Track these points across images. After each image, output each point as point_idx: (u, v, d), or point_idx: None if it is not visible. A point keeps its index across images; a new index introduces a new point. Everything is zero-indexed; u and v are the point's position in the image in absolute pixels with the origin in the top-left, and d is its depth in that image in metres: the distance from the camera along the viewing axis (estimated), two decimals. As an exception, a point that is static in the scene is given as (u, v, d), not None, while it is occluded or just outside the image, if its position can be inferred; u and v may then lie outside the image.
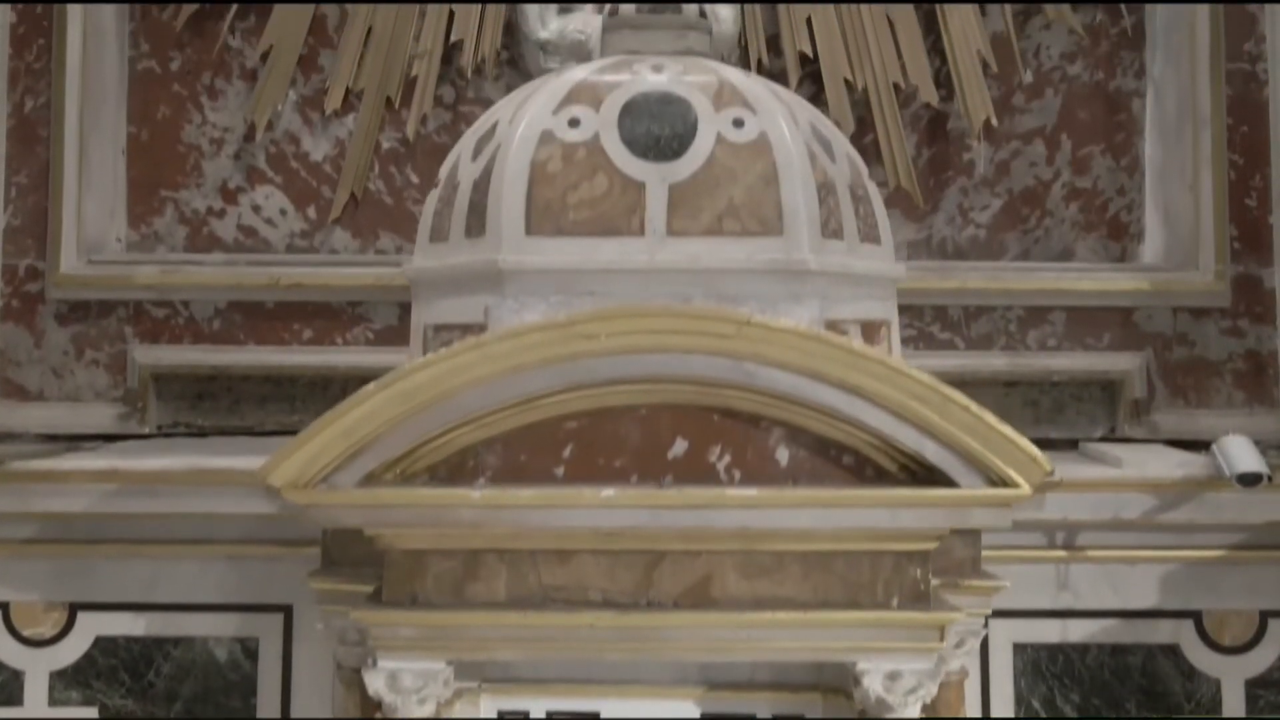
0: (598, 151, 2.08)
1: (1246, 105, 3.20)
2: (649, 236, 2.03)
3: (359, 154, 3.37)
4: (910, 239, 3.37)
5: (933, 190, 3.38)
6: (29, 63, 3.23)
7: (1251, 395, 3.15)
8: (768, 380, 1.92)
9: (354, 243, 3.36)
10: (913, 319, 3.19)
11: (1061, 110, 3.39)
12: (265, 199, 3.38)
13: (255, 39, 3.38)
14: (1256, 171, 3.19)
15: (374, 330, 3.19)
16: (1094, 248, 3.37)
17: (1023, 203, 3.38)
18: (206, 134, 3.38)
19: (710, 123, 2.10)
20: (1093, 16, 3.39)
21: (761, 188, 2.06)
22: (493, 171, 2.09)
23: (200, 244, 3.36)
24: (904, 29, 3.35)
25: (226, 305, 3.20)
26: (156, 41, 3.39)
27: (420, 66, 3.35)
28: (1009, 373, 3.15)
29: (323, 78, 3.37)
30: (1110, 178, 3.38)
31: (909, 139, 3.36)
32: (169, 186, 3.37)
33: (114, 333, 3.19)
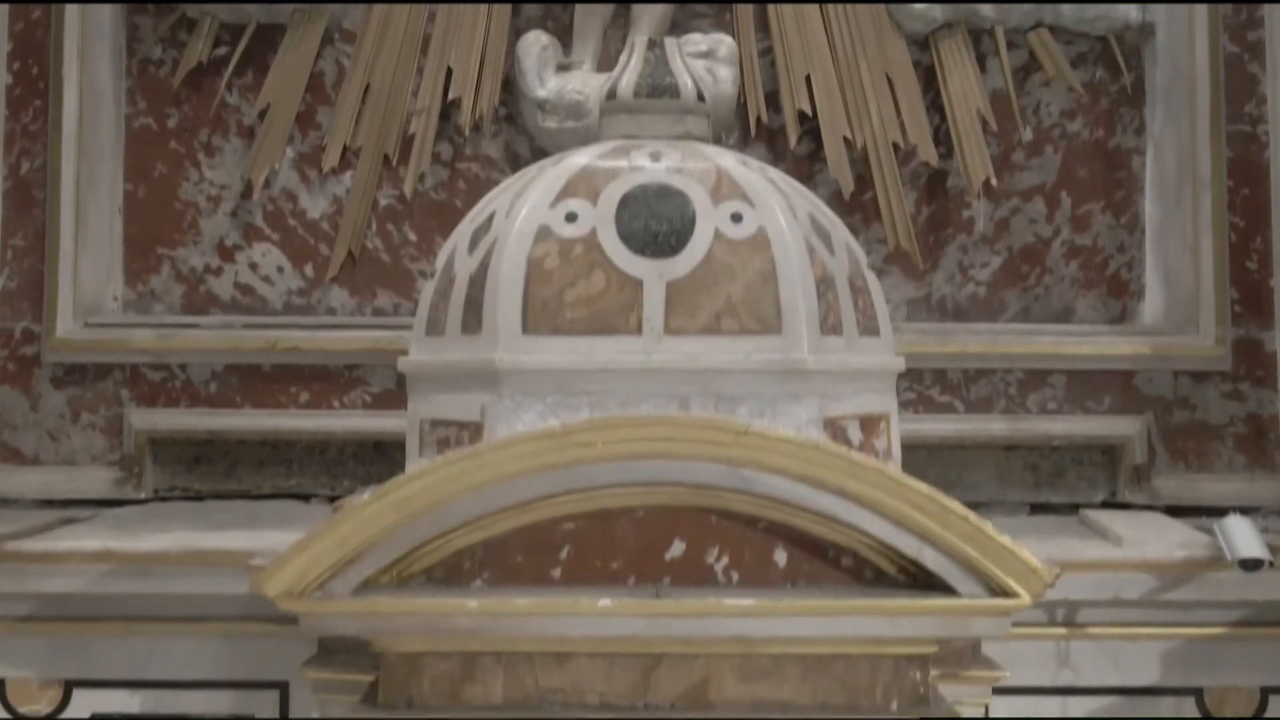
0: (595, 248, 2.07)
1: (1247, 167, 3.19)
2: (646, 335, 2.02)
3: (356, 211, 3.36)
4: (910, 297, 3.37)
5: (932, 247, 3.37)
6: (25, 124, 3.22)
7: (1252, 460, 3.14)
8: (766, 486, 1.91)
9: (351, 300, 3.35)
10: (912, 382, 3.18)
11: (1061, 167, 3.38)
12: (262, 256, 3.37)
13: (253, 96, 3.36)
14: (1258, 234, 3.19)
15: (371, 394, 3.18)
16: (1094, 305, 3.36)
17: (1022, 260, 3.37)
18: (204, 191, 3.37)
19: (708, 217, 2.08)
20: (1092, 74, 3.39)
21: (760, 285, 2.05)
22: (489, 267, 2.08)
23: (197, 302, 3.35)
24: (903, 87, 3.34)
25: (223, 368, 3.19)
26: (153, 99, 3.38)
27: (418, 124, 3.34)
28: (1008, 437, 3.14)
29: (320, 135, 3.36)
30: (1110, 235, 3.37)
31: (908, 196, 3.35)
32: (166, 244, 3.36)
33: (110, 396, 3.18)
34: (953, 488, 3.00)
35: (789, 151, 3.34)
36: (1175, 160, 3.25)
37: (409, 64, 3.36)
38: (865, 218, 3.37)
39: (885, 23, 3.36)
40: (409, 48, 3.37)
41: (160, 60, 3.39)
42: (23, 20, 3.22)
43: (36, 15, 3.23)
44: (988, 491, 3.17)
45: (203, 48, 3.35)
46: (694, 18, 3.41)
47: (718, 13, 3.42)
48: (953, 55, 3.36)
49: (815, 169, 3.37)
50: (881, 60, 3.35)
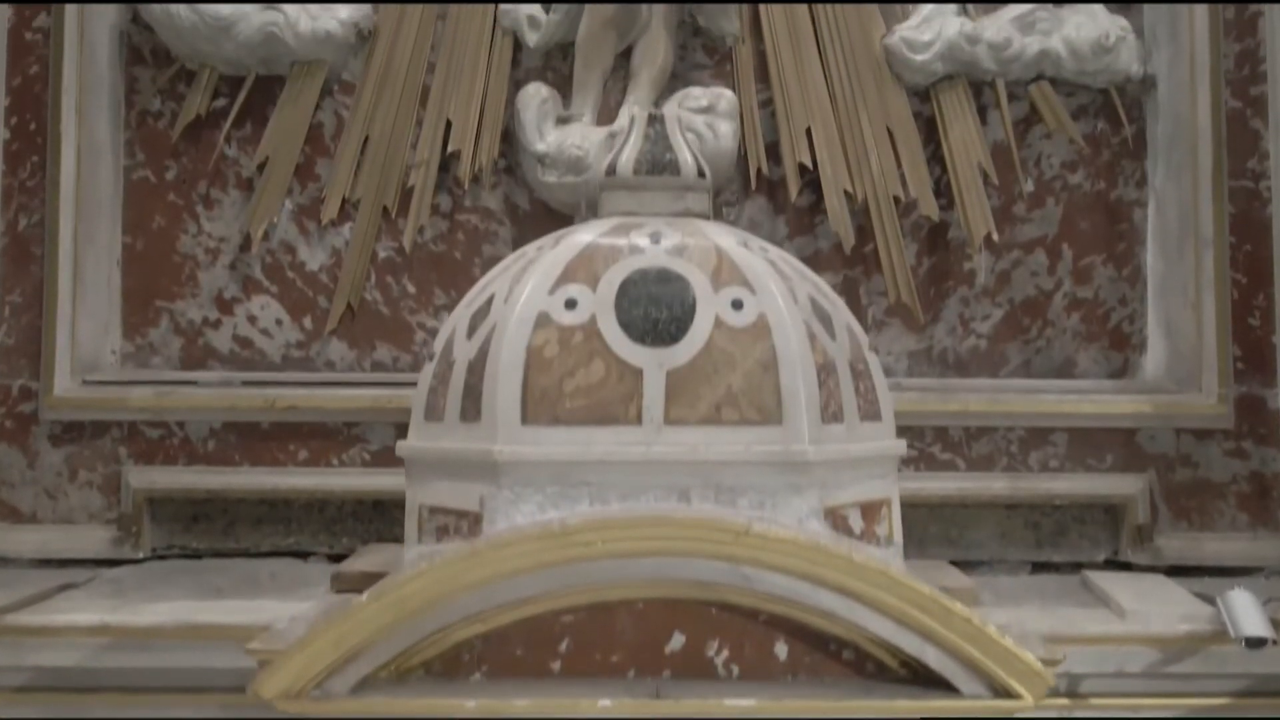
0: (595, 336, 2.05)
1: (1250, 223, 3.18)
2: (646, 425, 2.01)
3: (355, 264, 3.35)
4: (911, 349, 3.36)
5: (933, 300, 3.36)
6: (23, 180, 3.21)
7: (1255, 518, 3.13)
8: (767, 584, 1.90)
9: (350, 353, 3.34)
10: (913, 439, 3.15)
11: (1063, 219, 3.37)
12: (261, 309, 3.36)
13: (251, 148, 3.35)
14: (1260, 291, 3.18)
15: (370, 451, 3.17)
16: (1096, 358, 3.35)
17: (1024, 313, 3.36)
18: (202, 244, 3.36)
19: (709, 304, 2.07)
20: (1093, 126, 3.38)
21: (760, 374, 2.04)
22: (488, 354, 2.07)
23: (196, 355, 3.34)
24: (904, 140, 3.33)
25: (222, 426, 3.18)
26: (152, 151, 3.37)
27: (417, 176, 3.33)
28: (1010, 496, 3.12)
29: (319, 186, 3.35)
30: (1112, 288, 3.36)
31: (909, 248, 3.34)
32: (164, 297, 3.35)
33: (108, 453, 3.17)
34: (954, 546, 3.03)
35: (789, 204, 3.32)
36: (1177, 215, 3.23)
37: (408, 116, 3.35)
38: (866, 270, 3.36)
39: (886, 75, 3.35)
40: (408, 99, 3.35)
41: (159, 112, 3.38)
42: (20, 75, 3.21)
43: (34, 70, 3.22)
44: (989, 550, 3.16)
45: (201, 100, 3.34)
46: (694, 69, 3.40)
47: (718, 63, 3.41)
48: (953, 107, 3.35)
49: (816, 221, 3.36)
50: (882, 112, 3.34)
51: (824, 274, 3.24)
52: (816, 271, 3.22)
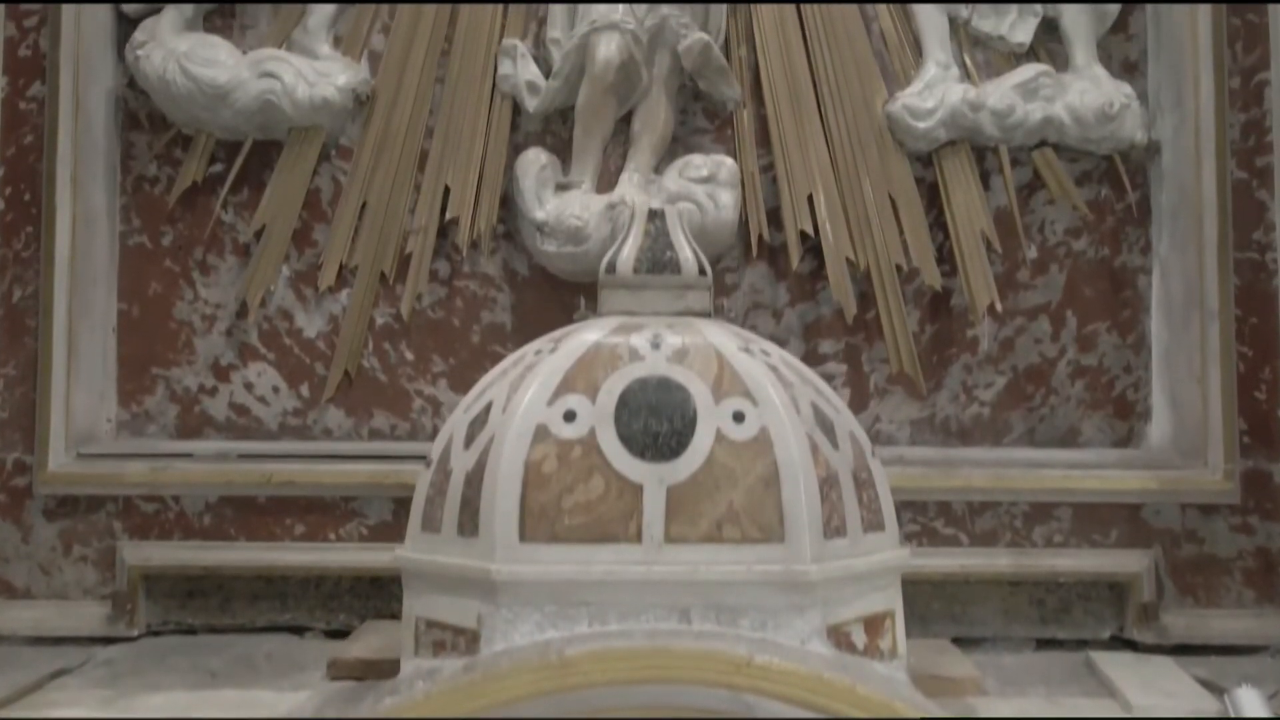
0: (594, 450, 2.02)
1: (1255, 295, 3.16)
2: (646, 544, 1.98)
3: (353, 331, 3.32)
4: (913, 417, 3.33)
5: (936, 367, 3.33)
6: (17, 251, 3.18)
7: (1261, 594, 3.11)
8: (768, 711, 1.87)
9: (348, 421, 3.32)
10: (916, 514, 3.14)
11: (1066, 286, 3.34)
12: (258, 376, 3.33)
13: (248, 213, 3.33)
14: (1266, 364, 3.15)
15: (368, 525, 3.14)
16: (1100, 426, 3.32)
17: (1027, 380, 3.33)
18: (198, 310, 3.34)
19: (709, 417, 2.04)
20: (1097, 192, 3.35)
21: (761, 490, 2.01)
22: (486, 468, 2.04)
23: (192, 423, 3.31)
24: (906, 208, 3.30)
25: (218, 500, 3.15)
26: (148, 217, 3.34)
27: (415, 243, 3.30)
28: (1014, 574, 3.10)
29: (317, 253, 3.32)
30: (1116, 355, 3.33)
31: (912, 314, 3.31)
32: (160, 364, 3.32)
33: (103, 528, 3.14)
34: (957, 623, 3.00)
35: (791, 270, 3.29)
36: (1182, 285, 3.21)
37: (406, 181, 3.32)
38: (868, 336, 3.34)
39: (888, 141, 3.32)
40: (406, 165, 3.33)
41: (155, 177, 3.35)
42: (15, 145, 3.18)
43: (29, 140, 3.19)
44: (993, 627, 3.13)
45: (198, 166, 3.31)
46: (695, 133, 3.37)
47: (719, 127, 3.38)
48: (956, 173, 3.32)
49: (818, 287, 3.33)
50: (884, 179, 3.31)
51: (825, 340, 3.24)
52: (818, 338, 3.24)
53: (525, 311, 3.34)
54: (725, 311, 3.33)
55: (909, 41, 3.37)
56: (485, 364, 3.28)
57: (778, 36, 3.36)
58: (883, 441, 3.34)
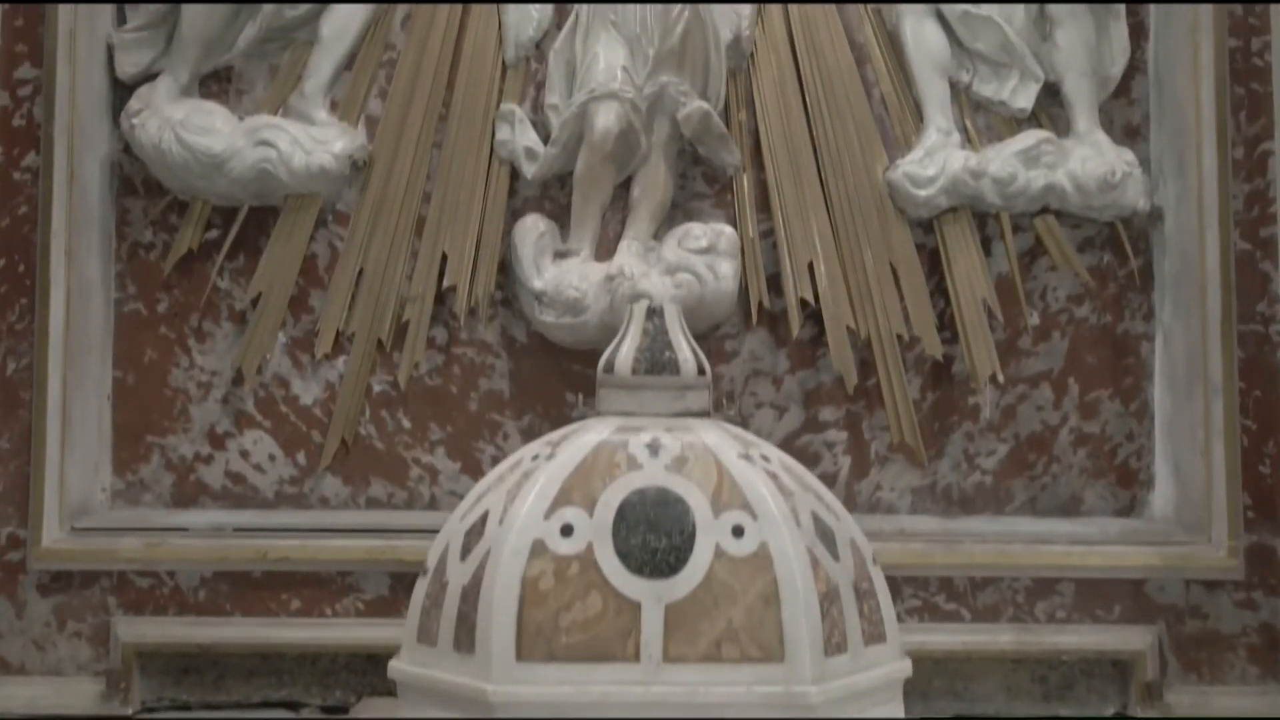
0: (591, 567, 2.00)
1: (1259, 368, 3.14)
2: (644, 663, 1.96)
3: (350, 398, 3.30)
4: (914, 485, 3.32)
5: (937, 435, 3.31)
6: (11, 323, 3.15)
7: (1265, 671, 3.09)
8: (768, 843, 1.85)
9: (345, 489, 3.30)
10: (917, 589, 3.13)
11: (1069, 353, 3.32)
12: (254, 444, 3.30)
13: (244, 280, 3.31)
14: (1270, 438, 3.13)
15: (364, 600, 3.12)
16: (1103, 495, 3.30)
17: (1029, 448, 3.32)
18: (194, 378, 3.31)
19: (709, 531, 2.02)
20: (1099, 258, 3.33)
21: (761, 609, 1.98)
22: (482, 583, 2.01)
23: (187, 492, 3.29)
24: (907, 277, 3.28)
25: (213, 575, 3.12)
26: (144, 283, 3.32)
27: (412, 311, 3.28)
28: (1017, 650, 3.07)
29: (313, 319, 3.30)
30: (1119, 423, 3.31)
31: (913, 381, 3.29)
32: (155, 432, 3.30)
33: (97, 603, 3.12)
34: (959, 699, 2.98)
35: (791, 338, 3.27)
36: (1185, 355, 3.19)
37: (403, 247, 3.30)
38: (869, 404, 3.32)
39: (889, 208, 3.30)
40: (403, 231, 3.30)
41: (151, 244, 3.33)
42: (9, 216, 3.15)
43: (23, 211, 3.16)
44: (995, 704, 3.11)
45: (194, 233, 3.29)
46: (694, 198, 3.35)
47: (718, 192, 3.36)
48: (957, 239, 3.30)
49: (819, 354, 3.31)
50: (885, 247, 3.29)
51: (826, 408, 3.22)
52: (819, 406, 3.23)
53: (523, 379, 3.32)
54: (723, 379, 3.31)
55: (910, 106, 3.35)
56: (483, 432, 3.28)
57: (778, 101, 3.34)
58: (884, 510, 3.33)
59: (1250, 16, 3.19)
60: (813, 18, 3.36)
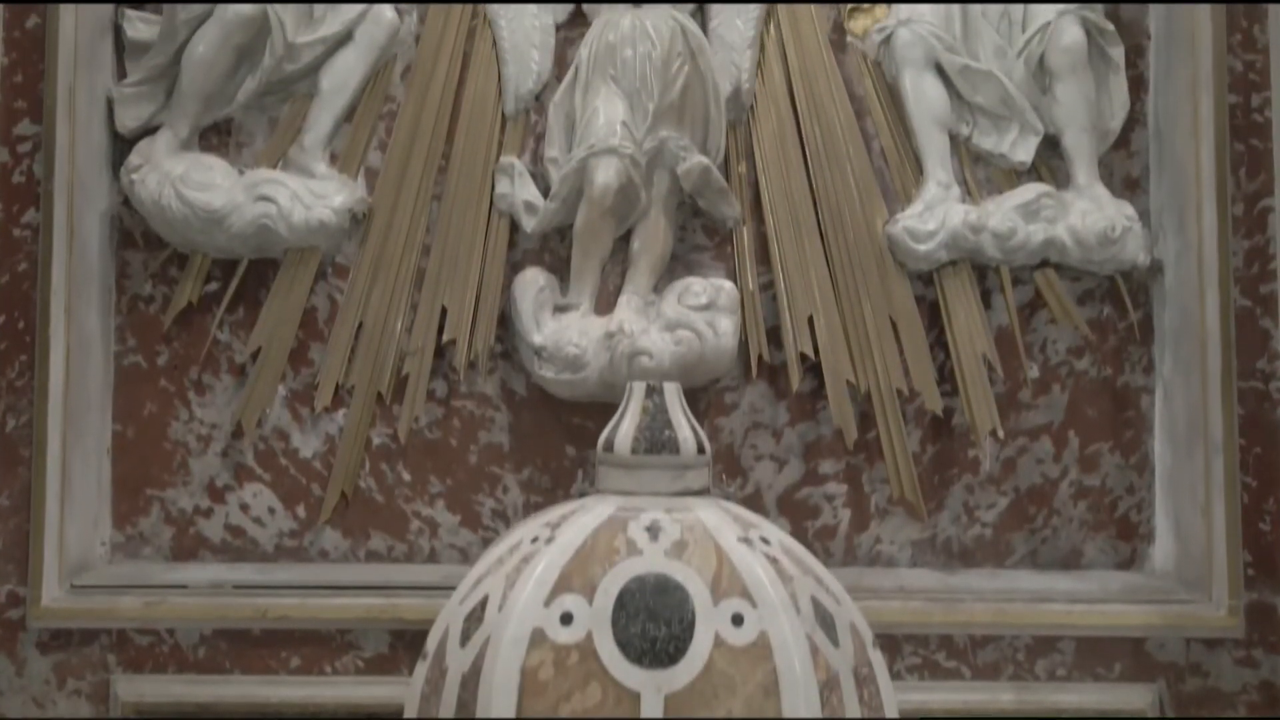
0: (591, 656, 2.00)
1: (1259, 426, 3.13)
2: (644, 755, 1.95)
3: (350, 451, 3.30)
4: (914, 538, 3.32)
5: (937, 488, 3.32)
6: (11, 380, 3.15)
7: (1265, 729, 3.08)
8: None
9: (344, 542, 3.30)
10: (917, 646, 3.12)
11: (1069, 406, 3.32)
12: (254, 497, 3.31)
13: (243, 332, 3.31)
14: (1270, 495, 3.13)
15: (364, 658, 3.12)
16: (1103, 548, 3.31)
17: (1030, 501, 3.32)
18: (194, 431, 3.31)
19: (708, 619, 2.02)
20: (1099, 311, 3.33)
21: (761, 699, 1.98)
22: (481, 671, 2.01)
23: (187, 545, 3.30)
24: (907, 332, 3.28)
25: (212, 632, 3.12)
26: (143, 336, 3.33)
27: (412, 365, 3.28)
28: (1018, 709, 3.07)
29: (313, 372, 3.30)
30: (1119, 476, 3.31)
31: (913, 434, 3.30)
32: (155, 486, 3.30)
33: (96, 661, 3.12)
34: (959, 758, 2.96)
35: (791, 391, 3.27)
36: (1186, 411, 3.18)
37: (402, 300, 3.31)
38: (869, 457, 3.33)
39: (889, 262, 3.30)
40: (403, 284, 3.31)
41: (150, 296, 3.33)
42: (9, 273, 3.15)
43: (23, 267, 3.16)
44: (995, 762, 3.11)
45: (193, 287, 3.29)
46: (694, 250, 3.35)
47: (718, 244, 3.36)
48: (957, 293, 3.30)
49: (819, 406, 3.31)
50: (885, 301, 3.29)
51: (826, 460, 3.22)
52: (819, 458, 3.22)
53: (523, 431, 3.33)
54: (723, 432, 3.31)
55: (909, 159, 3.35)
56: (483, 484, 3.28)
57: (778, 153, 3.35)
58: (884, 563, 3.33)
59: (1250, 72, 3.18)
60: (812, 70, 3.36)
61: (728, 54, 3.34)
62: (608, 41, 3.24)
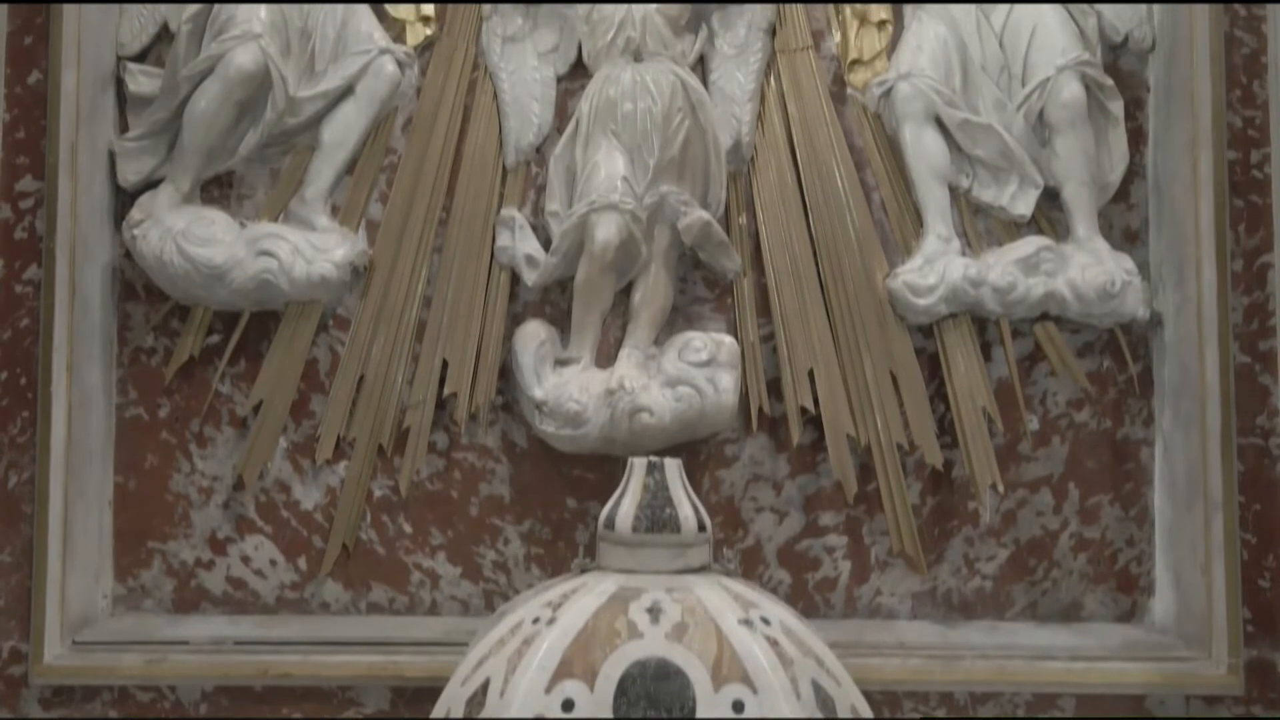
0: (592, 744, 2.00)
1: (1259, 482, 3.14)
2: (646, 845, 1.96)
3: (351, 503, 3.31)
4: (914, 590, 3.33)
5: (937, 540, 3.32)
6: (13, 436, 3.15)
7: (1266, 786, 3.09)
8: None
9: (345, 594, 3.31)
10: (918, 703, 3.13)
11: (1069, 458, 3.33)
12: (255, 549, 3.31)
13: (245, 385, 3.32)
14: (1270, 552, 3.13)
15: (365, 715, 3.13)
16: (1103, 600, 3.32)
17: (1030, 553, 3.33)
18: (195, 483, 3.32)
19: (709, 706, 2.03)
20: (1099, 363, 3.34)
21: (761, 788, 1.99)
22: (484, 757, 2.02)
23: (188, 597, 3.31)
24: (908, 385, 3.29)
25: (214, 689, 3.13)
26: (145, 388, 3.34)
27: (413, 418, 3.28)
28: (1017, 766, 3.08)
29: (314, 424, 3.31)
30: (1119, 528, 3.32)
31: (913, 486, 3.30)
32: (156, 538, 3.31)
33: (98, 717, 3.13)
34: (960, 815, 2.97)
35: (792, 444, 3.27)
36: (1185, 467, 3.19)
37: (403, 352, 3.32)
38: (869, 508, 3.34)
39: (889, 314, 3.31)
40: (404, 336, 3.32)
41: (152, 349, 3.34)
42: (11, 329, 3.15)
43: (25, 324, 3.16)
44: (996, 819, 3.11)
45: (195, 340, 3.30)
46: (694, 301, 3.36)
47: (718, 296, 3.37)
48: (957, 346, 3.31)
49: (819, 458, 3.32)
50: (885, 355, 3.30)
51: (826, 513, 3.23)
52: (819, 510, 3.23)
53: (524, 483, 3.34)
54: (723, 484, 3.32)
55: (909, 211, 3.36)
56: (484, 536, 3.29)
57: (778, 204, 3.36)
58: (884, 615, 3.34)
59: (1250, 128, 3.19)
60: (813, 122, 3.37)
61: (728, 106, 3.35)
62: (608, 96, 3.25)
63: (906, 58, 3.32)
